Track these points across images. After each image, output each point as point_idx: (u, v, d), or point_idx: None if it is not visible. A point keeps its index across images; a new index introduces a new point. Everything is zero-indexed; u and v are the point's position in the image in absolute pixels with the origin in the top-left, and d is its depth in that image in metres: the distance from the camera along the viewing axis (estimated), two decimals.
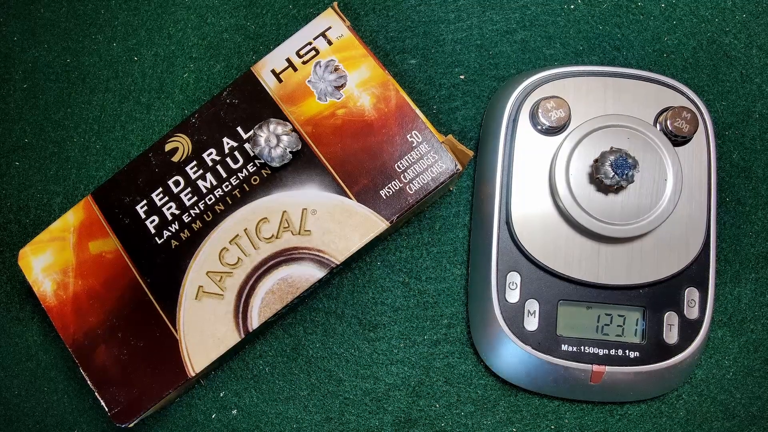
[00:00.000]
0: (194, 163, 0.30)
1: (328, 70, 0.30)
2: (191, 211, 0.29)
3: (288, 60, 0.30)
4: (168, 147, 0.30)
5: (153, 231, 0.29)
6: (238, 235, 0.29)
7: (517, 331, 0.29)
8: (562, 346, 0.29)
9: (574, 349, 0.29)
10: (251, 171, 0.29)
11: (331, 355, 0.32)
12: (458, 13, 0.34)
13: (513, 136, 0.30)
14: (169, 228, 0.29)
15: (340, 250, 0.28)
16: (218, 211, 0.29)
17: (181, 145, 0.30)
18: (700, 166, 0.29)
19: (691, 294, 0.29)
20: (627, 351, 0.29)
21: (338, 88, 0.29)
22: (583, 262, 0.29)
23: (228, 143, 0.30)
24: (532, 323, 0.29)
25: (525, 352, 0.29)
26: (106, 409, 0.28)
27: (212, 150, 0.30)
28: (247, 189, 0.29)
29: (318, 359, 0.32)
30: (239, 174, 0.29)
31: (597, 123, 0.29)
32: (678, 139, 0.29)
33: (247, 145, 0.30)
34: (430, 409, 0.32)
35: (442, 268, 0.33)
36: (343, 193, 0.29)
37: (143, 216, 0.30)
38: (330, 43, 0.30)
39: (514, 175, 0.30)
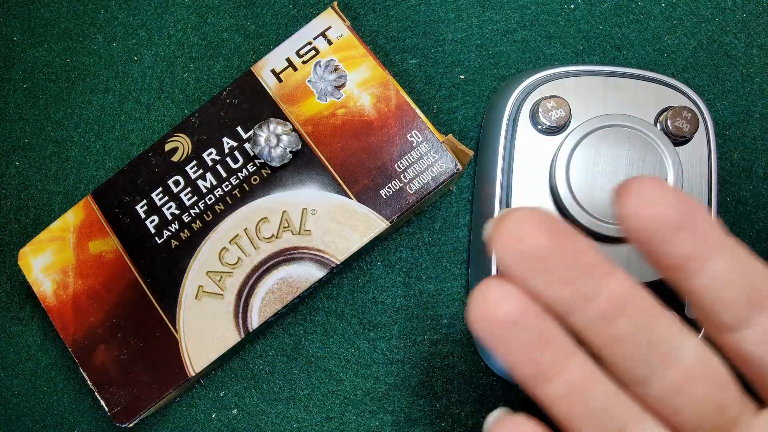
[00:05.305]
0: (194, 162, 0.30)
1: (328, 69, 0.30)
2: (191, 211, 0.29)
3: (288, 60, 0.30)
4: (168, 147, 0.30)
5: (153, 231, 0.29)
6: (238, 235, 0.29)
7: None
8: None
9: None
10: (251, 171, 0.29)
11: (331, 354, 0.32)
12: (458, 13, 0.34)
13: (513, 135, 0.30)
14: (169, 228, 0.29)
15: (340, 250, 0.28)
16: (218, 211, 0.29)
17: (181, 144, 0.30)
18: (700, 166, 0.29)
19: None
20: None
21: (338, 87, 0.29)
22: None
23: (228, 143, 0.30)
24: None
25: None
26: (106, 409, 0.28)
27: (212, 150, 0.30)
28: (247, 189, 0.29)
29: (318, 359, 0.32)
30: (239, 174, 0.29)
31: (597, 122, 0.29)
32: (678, 139, 0.29)
33: (247, 145, 0.30)
34: (430, 409, 0.32)
35: (442, 267, 0.33)
36: (343, 193, 0.29)
37: (143, 216, 0.30)
38: (330, 42, 0.30)
39: (514, 174, 0.30)
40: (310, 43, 0.30)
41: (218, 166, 0.30)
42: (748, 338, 0.15)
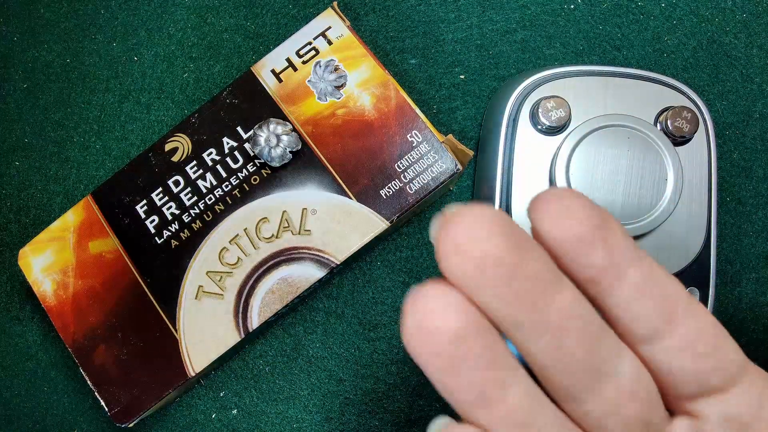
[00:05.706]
0: (194, 162, 0.30)
1: (328, 69, 0.30)
2: (191, 211, 0.29)
3: (288, 60, 0.30)
4: (168, 147, 0.30)
5: (153, 231, 0.29)
6: (238, 235, 0.29)
7: None
8: None
9: None
10: (251, 171, 0.29)
11: (332, 355, 0.32)
12: (458, 13, 0.34)
13: (513, 135, 0.30)
14: (169, 228, 0.29)
15: (340, 250, 0.28)
16: (218, 211, 0.29)
17: (181, 144, 0.30)
18: (700, 166, 0.29)
19: (692, 294, 0.29)
20: None
21: (338, 87, 0.29)
22: None
23: (228, 143, 0.30)
24: None
25: None
26: (106, 409, 0.28)
27: (212, 150, 0.30)
28: (247, 189, 0.29)
29: (318, 359, 0.32)
30: (239, 174, 0.29)
31: (597, 123, 0.29)
32: (678, 139, 0.29)
33: (247, 145, 0.30)
34: (430, 409, 0.32)
35: None
36: (343, 193, 0.29)
37: (143, 216, 0.30)
38: (330, 42, 0.30)
39: (514, 175, 0.30)
40: (310, 43, 0.30)
41: (218, 166, 0.30)
42: (660, 350, 0.15)
